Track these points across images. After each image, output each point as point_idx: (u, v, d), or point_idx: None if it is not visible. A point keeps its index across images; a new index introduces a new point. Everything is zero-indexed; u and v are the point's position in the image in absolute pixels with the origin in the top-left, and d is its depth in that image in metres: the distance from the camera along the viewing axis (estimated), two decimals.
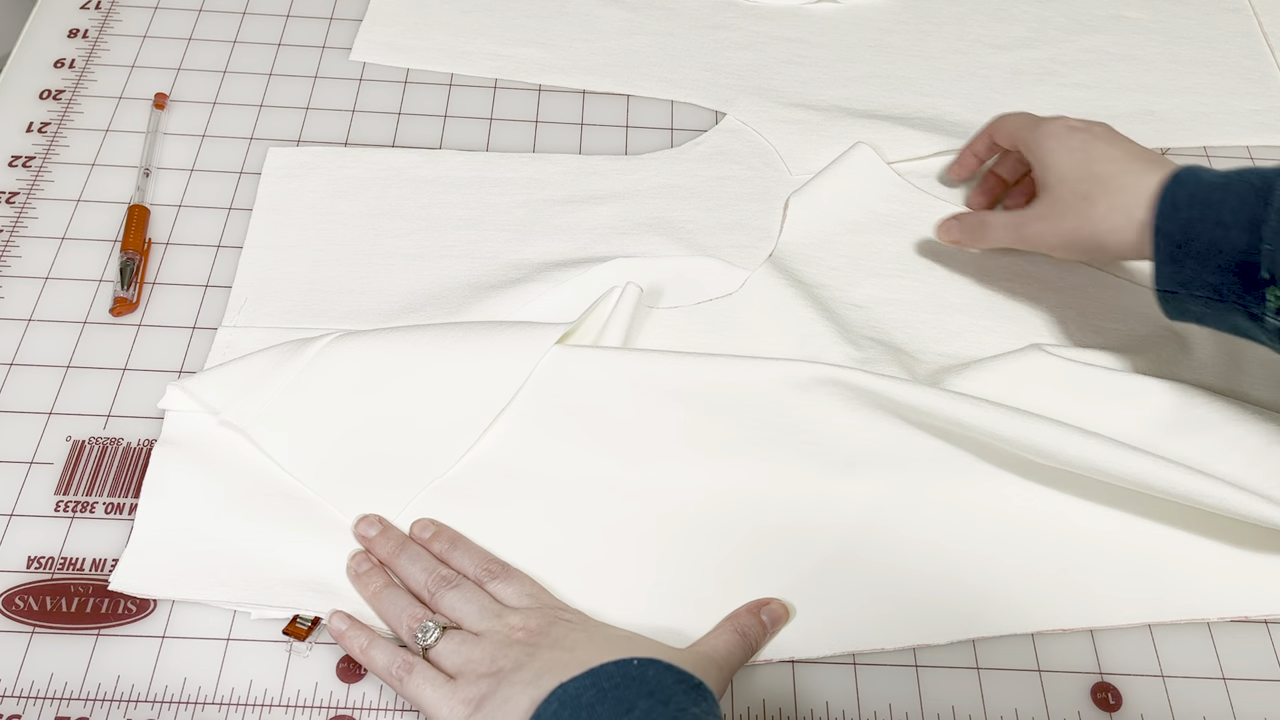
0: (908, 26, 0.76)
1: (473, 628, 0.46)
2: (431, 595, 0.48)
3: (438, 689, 0.44)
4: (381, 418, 0.52)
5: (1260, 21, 0.78)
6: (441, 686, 0.44)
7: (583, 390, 0.53)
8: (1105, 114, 0.70)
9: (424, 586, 0.48)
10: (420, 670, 0.45)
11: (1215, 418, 0.53)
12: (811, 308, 0.59)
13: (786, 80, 0.72)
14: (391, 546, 0.49)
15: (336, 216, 0.62)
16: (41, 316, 0.58)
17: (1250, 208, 0.46)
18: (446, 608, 0.47)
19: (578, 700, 0.40)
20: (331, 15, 0.74)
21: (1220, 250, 0.47)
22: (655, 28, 0.74)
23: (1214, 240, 0.47)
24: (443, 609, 0.47)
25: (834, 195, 0.64)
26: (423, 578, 0.48)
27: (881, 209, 0.65)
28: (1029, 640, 0.50)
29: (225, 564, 0.50)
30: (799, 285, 0.60)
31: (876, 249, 0.63)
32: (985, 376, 0.54)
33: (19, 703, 0.46)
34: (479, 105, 0.69)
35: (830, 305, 0.60)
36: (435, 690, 0.44)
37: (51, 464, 0.53)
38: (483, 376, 0.53)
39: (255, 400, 0.52)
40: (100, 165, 0.64)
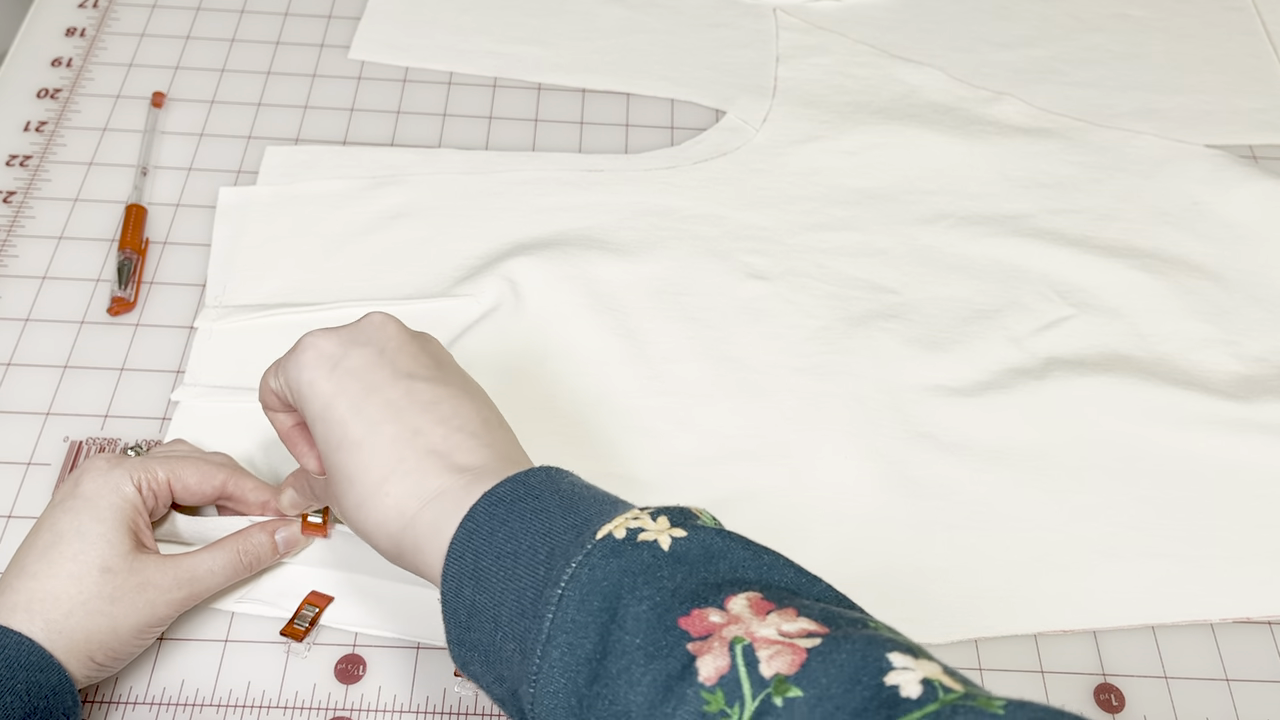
0: (910, 25, 0.76)
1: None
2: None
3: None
4: None
5: (1263, 20, 0.77)
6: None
7: None
8: (1107, 112, 0.71)
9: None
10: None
11: None
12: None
13: (788, 79, 0.71)
14: None
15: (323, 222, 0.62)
16: (39, 316, 0.58)
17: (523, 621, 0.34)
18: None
19: None
20: (330, 13, 0.73)
21: (497, 661, 0.35)
22: (655, 26, 0.74)
23: (493, 648, 0.35)
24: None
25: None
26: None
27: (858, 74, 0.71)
28: (1031, 641, 0.50)
29: None
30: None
31: (860, 104, 0.69)
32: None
33: None
34: (478, 104, 0.69)
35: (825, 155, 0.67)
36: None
37: (49, 464, 0.53)
38: None
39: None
40: (98, 164, 0.64)
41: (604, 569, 0.33)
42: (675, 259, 0.61)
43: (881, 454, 0.54)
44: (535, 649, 0.33)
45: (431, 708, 0.47)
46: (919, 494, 0.53)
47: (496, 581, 0.35)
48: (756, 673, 0.30)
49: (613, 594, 0.33)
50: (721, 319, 0.59)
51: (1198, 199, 0.66)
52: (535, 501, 0.36)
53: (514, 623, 0.34)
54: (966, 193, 0.66)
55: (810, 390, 0.56)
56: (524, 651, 0.34)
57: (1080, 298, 0.61)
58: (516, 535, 0.35)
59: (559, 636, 0.33)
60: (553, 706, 0.33)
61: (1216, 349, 0.59)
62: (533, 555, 0.35)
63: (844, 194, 0.65)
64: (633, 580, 0.33)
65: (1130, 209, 0.66)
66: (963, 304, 0.60)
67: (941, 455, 0.54)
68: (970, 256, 0.62)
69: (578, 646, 0.33)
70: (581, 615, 0.33)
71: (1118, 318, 0.60)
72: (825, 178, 0.66)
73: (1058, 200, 0.66)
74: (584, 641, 0.33)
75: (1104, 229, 0.64)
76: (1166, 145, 0.69)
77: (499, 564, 0.35)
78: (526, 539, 0.35)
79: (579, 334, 0.57)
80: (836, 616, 0.32)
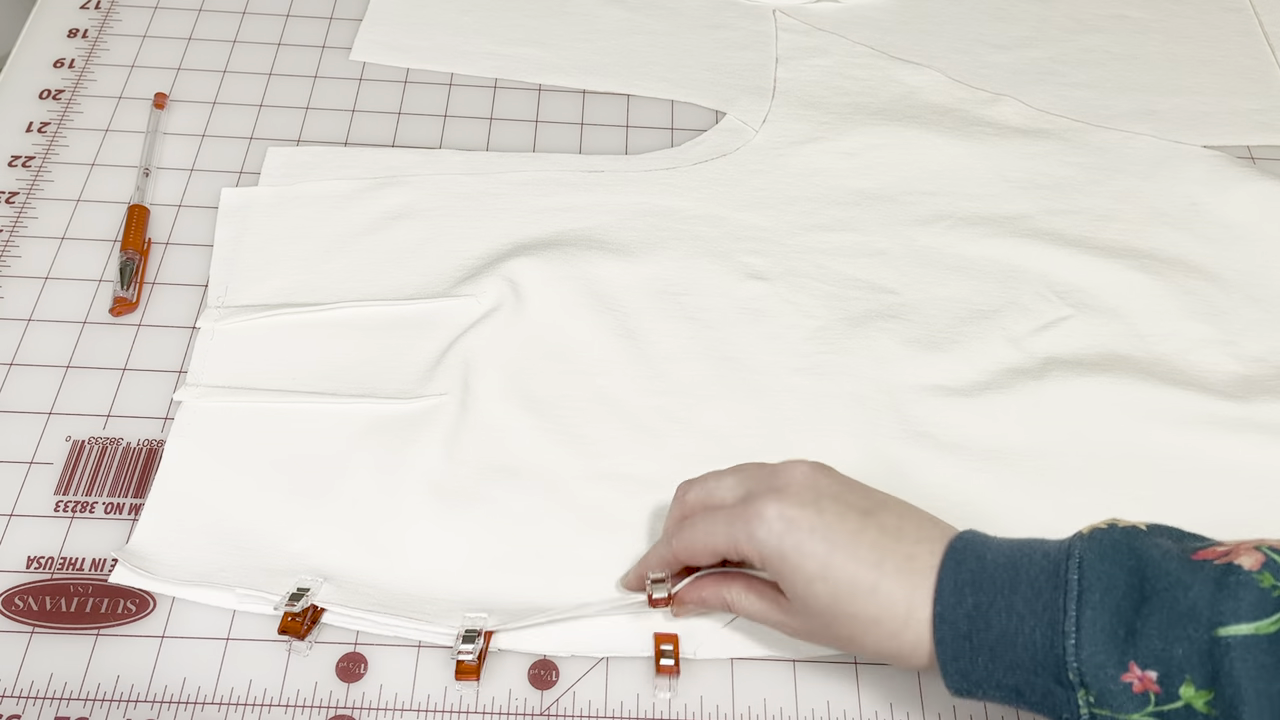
0: (909, 26, 0.76)
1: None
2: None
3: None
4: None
5: (1261, 21, 0.78)
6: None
7: None
8: (1106, 113, 0.71)
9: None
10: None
11: None
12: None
13: (787, 80, 0.72)
14: None
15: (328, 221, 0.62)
16: (41, 316, 0.58)
17: (1045, 595, 0.38)
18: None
19: None
20: (331, 15, 0.74)
21: (1015, 644, 0.38)
22: (656, 27, 0.74)
23: (1007, 631, 0.38)
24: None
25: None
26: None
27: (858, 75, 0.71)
28: None
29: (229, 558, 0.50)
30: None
31: (860, 105, 0.69)
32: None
33: (19, 703, 0.46)
34: (479, 105, 0.69)
35: (824, 156, 0.67)
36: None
37: (51, 464, 0.53)
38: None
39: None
40: (100, 165, 0.64)
41: (1106, 537, 0.39)
42: (675, 259, 0.61)
43: (880, 453, 0.54)
44: (1069, 607, 0.37)
45: (433, 706, 0.47)
46: (918, 493, 0.53)
47: (1000, 577, 0.39)
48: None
49: (1125, 546, 0.38)
50: (721, 319, 0.59)
51: (1196, 200, 0.66)
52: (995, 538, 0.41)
53: (1031, 598, 0.38)
54: (965, 193, 0.66)
55: (809, 390, 0.57)
56: (1051, 616, 0.38)
57: (1078, 298, 0.61)
58: (999, 546, 0.40)
59: (1093, 584, 0.37)
60: (1100, 643, 0.37)
61: (1214, 349, 0.59)
62: (1026, 554, 0.40)
63: (843, 195, 0.66)
64: (1135, 536, 0.39)
65: (1128, 210, 0.66)
66: (961, 304, 0.61)
67: (940, 454, 0.54)
68: (969, 257, 0.63)
69: (1113, 585, 0.37)
70: (1105, 565, 0.38)
71: (1116, 318, 0.60)
72: (824, 179, 0.66)
73: (1056, 201, 0.66)
74: (1116, 579, 0.37)
75: (1102, 230, 0.64)
76: (1164, 146, 0.69)
77: (995, 569, 0.40)
78: (1014, 548, 0.40)
79: (579, 334, 0.58)
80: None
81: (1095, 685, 0.37)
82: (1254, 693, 0.34)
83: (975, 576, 0.40)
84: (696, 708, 0.48)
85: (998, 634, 0.39)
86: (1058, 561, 0.39)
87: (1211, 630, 0.35)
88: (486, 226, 0.63)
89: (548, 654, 0.49)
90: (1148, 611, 0.37)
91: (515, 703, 0.47)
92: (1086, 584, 0.38)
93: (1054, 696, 0.38)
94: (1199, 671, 0.36)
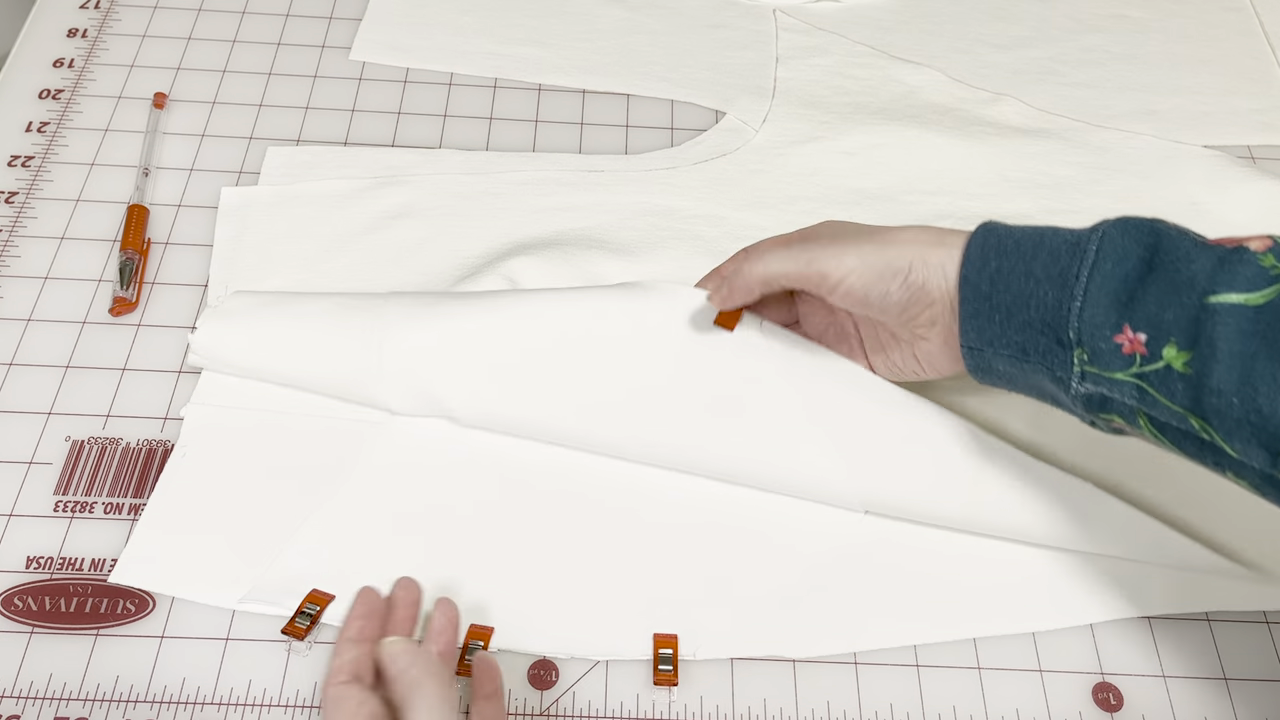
0: (909, 26, 0.76)
1: None
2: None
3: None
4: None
5: (1261, 20, 0.78)
6: None
7: None
8: (1106, 113, 0.71)
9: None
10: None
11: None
12: None
13: (787, 80, 0.72)
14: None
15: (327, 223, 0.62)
16: (41, 316, 0.58)
17: (1063, 262, 0.42)
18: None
19: None
20: (331, 14, 0.74)
21: (1028, 305, 0.42)
22: (655, 27, 0.74)
23: (1023, 294, 0.42)
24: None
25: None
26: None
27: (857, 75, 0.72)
28: (1030, 640, 0.50)
29: (230, 558, 0.50)
30: None
31: (860, 105, 0.69)
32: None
33: (18, 703, 0.46)
34: (479, 105, 0.69)
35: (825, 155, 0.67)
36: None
37: (50, 464, 0.53)
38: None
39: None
40: (99, 165, 0.64)
41: (1133, 220, 0.41)
42: (675, 259, 0.61)
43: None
44: (1082, 273, 0.41)
45: None
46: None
47: (1025, 246, 0.42)
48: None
49: (1149, 228, 0.41)
50: None
51: (1196, 199, 0.66)
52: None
53: (1050, 265, 0.41)
54: (966, 193, 0.66)
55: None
56: (1066, 280, 0.41)
57: None
58: (1030, 229, 0.43)
59: (1108, 253, 0.40)
60: (1102, 306, 0.40)
61: None
62: (1055, 232, 0.43)
63: (843, 194, 0.66)
64: (1163, 223, 0.41)
65: (1129, 209, 0.65)
66: None
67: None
68: None
69: (1126, 255, 0.40)
70: (1125, 239, 0.41)
71: None
72: (825, 178, 0.66)
73: (1056, 200, 0.66)
74: (1131, 252, 0.40)
75: None
76: (1165, 146, 0.69)
77: (1022, 239, 0.43)
78: (1045, 229, 0.43)
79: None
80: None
81: (1090, 344, 0.40)
82: (1226, 353, 0.37)
83: (1001, 244, 0.43)
84: (696, 708, 0.48)
85: (1015, 295, 0.42)
86: (1083, 236, 0.42)
87: (1204, 298, 0.38)
88: (486, 226, 0.63)
89: (548, 655, 0.49)
90: (1151, 280, 0.39)
91: (515, 703, 0.47)
92: (1103, 254, 0.41)
93: (1054, 355, 0.42)
94: (1184, 334, 0.38)
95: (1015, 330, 0.43)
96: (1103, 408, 0.42)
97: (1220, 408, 0.37)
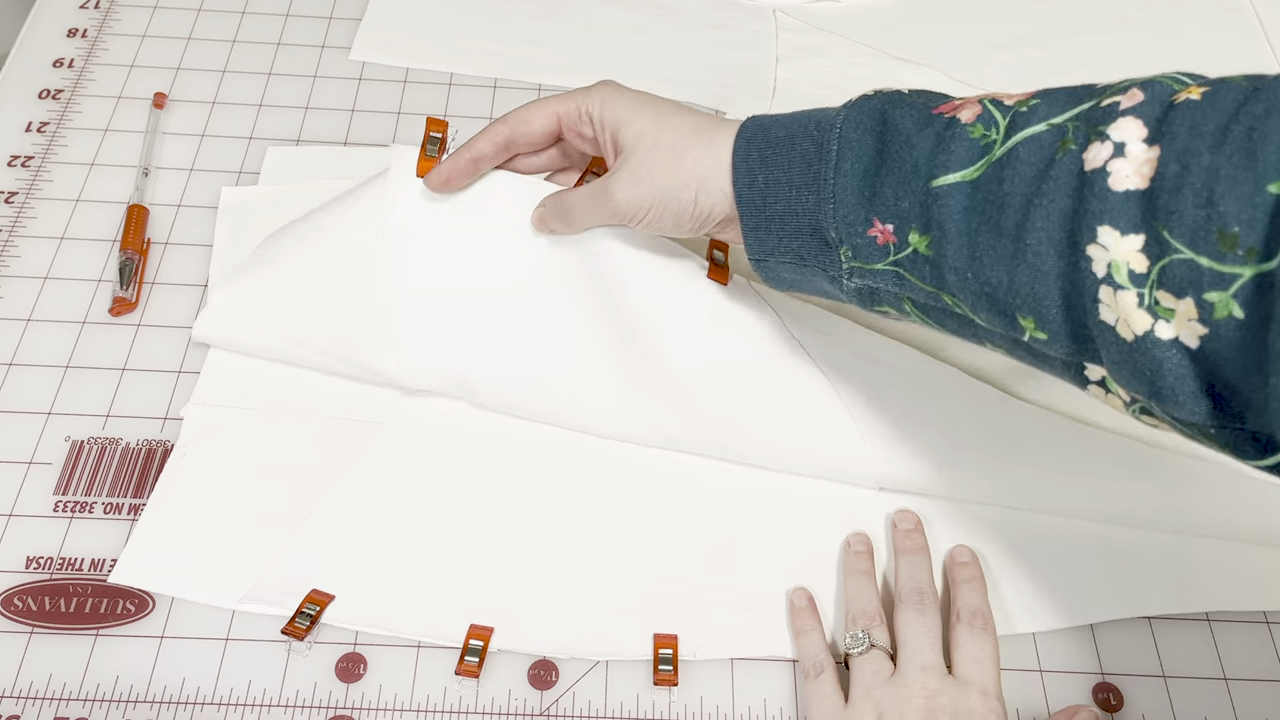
0: (909, 26, 0.76)
1: (904, 664, 0.46)
2: (899, 603, 0.48)
3: (824, 710, 0.45)
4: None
5: (1260, 21, 0.77)
6: (828, 711, 0.45)
7: None
8: None
9: (900, 589, 0.48)
10: (822, 681, 0.46)
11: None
12: None
13: (787, 80, 0.72)
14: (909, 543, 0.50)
15: None
16: (40, 316, 0.58)
17: (813, 165, 0.42)
18: (900, 626, 0.47)
19: None
20: (331, 14, 0.74)
21: (796, 213, 0.43)
22: (655, 27, 0.74)
23: (789, 204, 0.43)
24: (897, 625, 0.47)
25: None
26: (906, 582, 0.49)
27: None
28: (1030, 640, 0.50)
29: (230, 558, 0.50)
30: None
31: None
32: None
33: (18, 703, 0.46)
34: (479, 104, 0.69)
35: None
36: (820, 710, 0.45)
37: (50, 464, 0.53)
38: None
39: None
40: (99, 165, 0.64)
41: (867, 105, 0.42)
42: None
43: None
44: (829, 175, 0.42)
45: (432, 706, 0.47)
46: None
47: (781, 155, 0.43)
48: (1003, 105, 0.39)
49: (879, 113, 0.42)
50: None
51: None
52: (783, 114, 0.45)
53: (804, 171, 0.43)
54: None
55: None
56: (819, 186, 0.42)
57: None
58: (784, 123, 0.44)
59: (846, 153, 0.41)
60: (851, 204, 0.41)
61: None
62: (804, 129, 0.43)
63: None
64: (893, 102, 0.42)
65: None
66: None
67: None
68: None
69: (862, 152, 0.41)
70: (858, 133, 0.42)
71: None
72: None
73: None
74: (865, 146, 0.41)
75: None
76: None
77: (779, 146, 0.44)
78: (795, 124, 0.44)
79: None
80: None
81: (849, 241, 0.42)
82: (954, 232, 0.39)
83: (762, 154, 0.44)
84: (696, 708, 0.48)
85: (783, 207, 0.43)
86: (825, 131, 0.43)
87: (929, 182, 0.39)
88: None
89: (548, 655, 0.49)
90: (885, 172, 0.41)
91: (515, 703, 0.47)
92: (841, 153, 0.42)
93: (825, 256, 0.43)
94: (920, 220, 0.40)
95: (790, 238, 0.44)
96: (873, 299, 0.44)
97: (960, 284, 0.39)
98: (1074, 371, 0.38)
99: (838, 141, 0.42)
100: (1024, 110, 0.38)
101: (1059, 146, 0.36)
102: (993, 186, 0.38)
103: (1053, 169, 0.36)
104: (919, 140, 0.40)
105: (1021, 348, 0.40)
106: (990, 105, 0.39)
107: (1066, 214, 0.35)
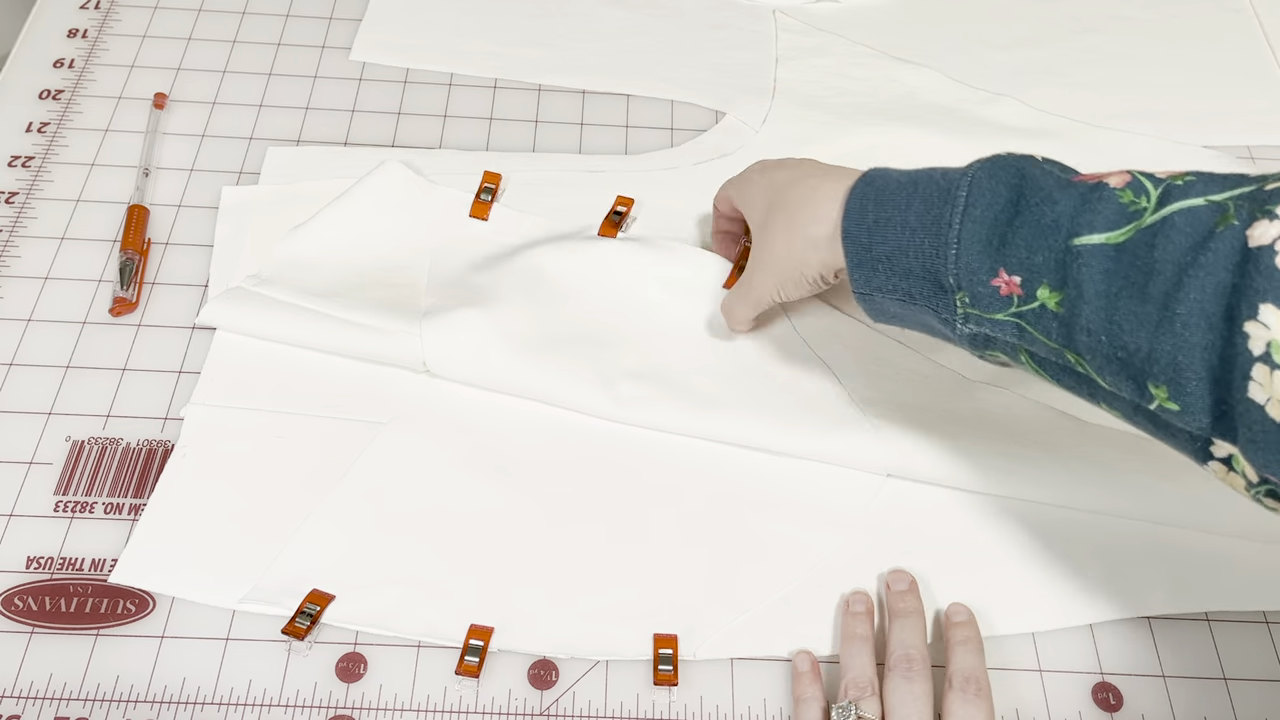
0: (909, 26, 0.76)
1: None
2: (888, 670, 0.46)
3: None
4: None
5: (1260, 21, 0.78)
6: None
7: None
8: (1106, 113, 0.71)
9: (890, 656, 0.47)
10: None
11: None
12: None
13: (787, 80, 0.72)
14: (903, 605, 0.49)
15: None
16: (41, 317, 0.58)
17: (936, 209, 0.43)
18: (888, 695, 0.45)
19: None
20: (331, 15, 0.74)
21: (907, 254, 0.44)
22: (655, 27, 0.74)
23: (901, 245, 0.44)
24: (885, 694, 0.46)
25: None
26: (896, 648, 0.47)
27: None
28: (1029, 640, 0.50)
29: (230, 559, 0.50)
30: None
31: (860, 105, 0.70)
32: None
33: (18, 703, 0.46)
34: (479, 105, 0.69)
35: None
36: None
37: (51, 464, 0.53)
38: None
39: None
40: (100, 165, 0.64)
41: (1003, 159, 0.43)
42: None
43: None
44: (954, 220, 0.42)
45: (432, 706, 0.47)
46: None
47: (900, 197, 0.44)
48: (1154, 177, 0.39)
49: (1015, 169, 0.42)
50: None
51: None
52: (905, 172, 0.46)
53: (923, 214, 0.43)
54: None
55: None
56: (940, 229, 0.42)
57: None
58: (908, 172, 0.45)
59: (977, 200, 0.42)
60: (975, 252, 0.41)
61: None
62: (929, 176, 0.44)
63: None
64: (1030, 161, 0.42)
65: None
66: None
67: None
68: None
69: (994, 200, 0.41)
70: (992, 183, 0.42)
71: None
72: None
73: None
74: (999, 196, 0.41)
75: None
76: (1165, 146, 0.69)
77: (898, 189, 0.45)
78: (919, 172, 0.45)
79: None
80: None
81: (969, 288, 0.42)
82: (1092, 293, 0.38)
83: (879, 195, 0.45)
84: (696, 708, 0.48)
85: (893, 245, 0.44)
86: (954, 180, 0.43)
87: (1069, 240, 0.39)
88: (486, 225, 0.63)
89: (548, 655, 0.49)
90: (1019, 224, 0.41)
91: (515, 703, 0.47)
92: (972, 200, 0.42)
93: (937, 299, 0.43)
94: (1054, 276, 0.40)
95: (899, 277, 0.44)
96: (987, 345, 0.44)
97: (1091, 345, 0.39)
98: (1198, 445, 0.38)
99: (968, 188, 0.42)
100: (1179, 184, 0.38)
101: (1219, 220, 0.36)
102: (1141, 252, 0.37)
103: (1212, 241, 0.35)
104: (1062, 197, 0.40)
105: (1143, 414, 0.39)
106: (1141, 176, 0.39)
107: (1224, 288, 0.35)
